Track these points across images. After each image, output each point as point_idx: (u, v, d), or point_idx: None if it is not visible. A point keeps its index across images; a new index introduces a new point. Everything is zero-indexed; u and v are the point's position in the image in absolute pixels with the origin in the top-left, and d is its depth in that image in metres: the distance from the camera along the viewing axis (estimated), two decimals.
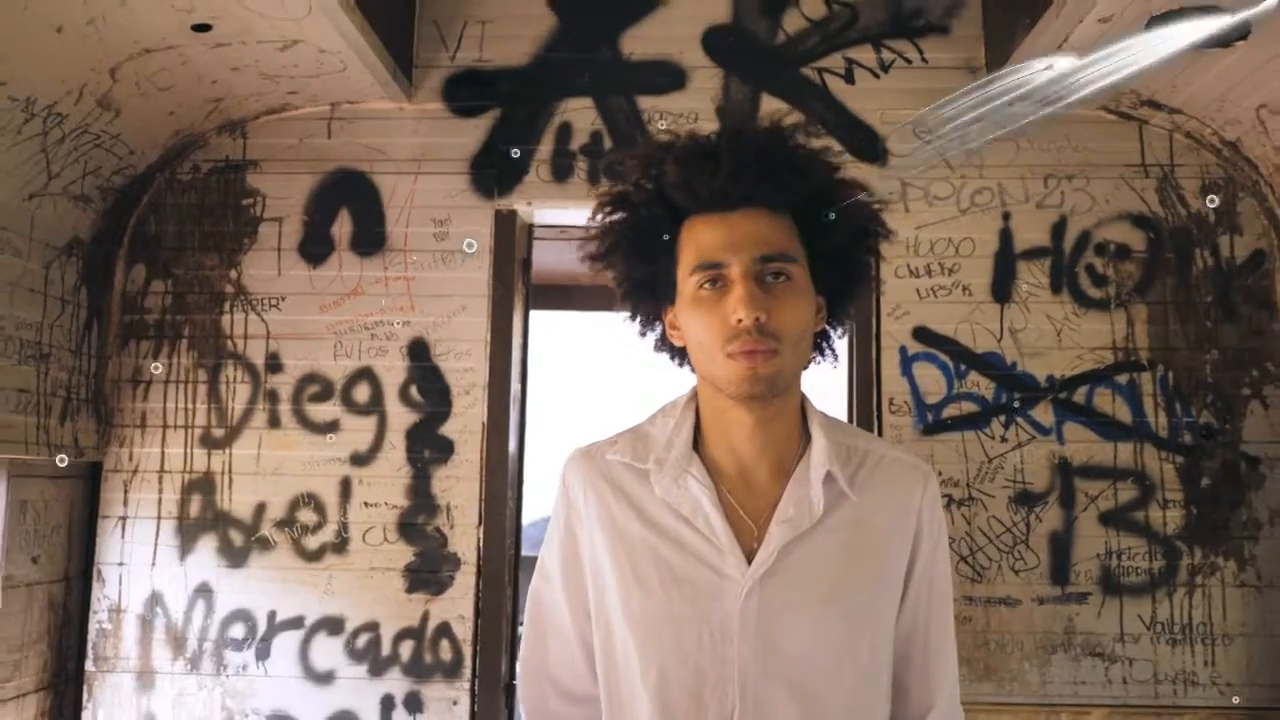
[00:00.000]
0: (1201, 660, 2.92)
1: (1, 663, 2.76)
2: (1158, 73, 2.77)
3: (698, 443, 1.19)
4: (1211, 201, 3.05)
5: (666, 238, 1.16)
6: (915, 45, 3.15)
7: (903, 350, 3.05)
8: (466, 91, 3.18)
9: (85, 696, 3.01)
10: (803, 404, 1.20)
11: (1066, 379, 3.02)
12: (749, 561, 1.11)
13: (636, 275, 1.19)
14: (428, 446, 3.06)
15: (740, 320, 1.06)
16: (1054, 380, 3.02)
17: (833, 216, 1.15)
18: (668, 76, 3.16)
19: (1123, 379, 3.01)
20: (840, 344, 1.26)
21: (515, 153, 3.13)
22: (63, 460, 2.88)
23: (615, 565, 1.15)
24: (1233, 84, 2.74)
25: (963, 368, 3.03)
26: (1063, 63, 2.69)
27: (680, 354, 1.22)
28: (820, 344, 1.22)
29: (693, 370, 1.19)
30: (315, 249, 3.14)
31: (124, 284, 3.15)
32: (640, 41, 3.18)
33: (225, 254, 3.15)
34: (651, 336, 1.24)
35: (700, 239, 1.12)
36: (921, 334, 3.05)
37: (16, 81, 2.48)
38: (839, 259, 1.17)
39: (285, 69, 2.91)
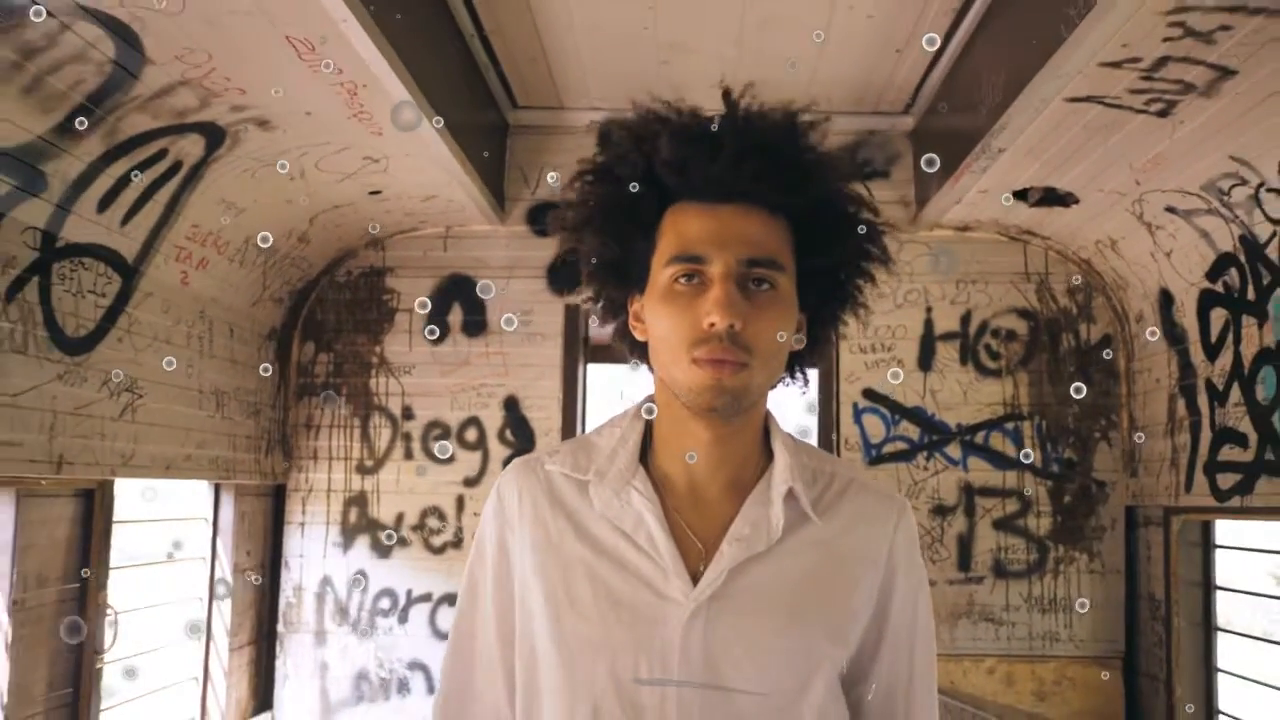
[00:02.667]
0: (1062, 624, 4.16)
1: (232, 624, 4.02)
2: (1031, 213, 4.01)
3: (646, 455, 1.09)
4: (1076, 296, 4.30)
5: (647, 220, 1.06)
6: (865, 186, 4.38)
7: (855, 405, 4.29)
8: (543, 218, 4.42)
9: (279, 649, 4.26)
10: (766, 421, 1.11)
11: (970, 426, 4.26)
12: (695, 584, 1.01)
13: (607, 255, 1.08)
14: None
15: (713, 324, 0.97)
16: (961, 426, 4.26)
17: (832, 229, 1.06)
18: None
19: (1010, 425, 4.26)
20: (811, 371, 1.15)
21: None
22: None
23: (546, 584, 1.04)
24: (1077, 227, 3.98)
25: (897, 417, 4.28)
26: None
27: (641, 350, 1.11)
28: (792, 365, 1.11)
29: (650, 370, 1.09)
30: (438, 335, 4.38)
31: (298, 356, 4.40)
32: None
33: (371, 334, 4.40)
34: (611, 326, 1.15)
35: (684, 228, 1.02)
36: (868, 393, 4.29)
37: (258, 234, 3.74)
38: (830, 277, 1.08)
39: (421, 209, 4.16)
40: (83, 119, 2.62)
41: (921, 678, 1.10)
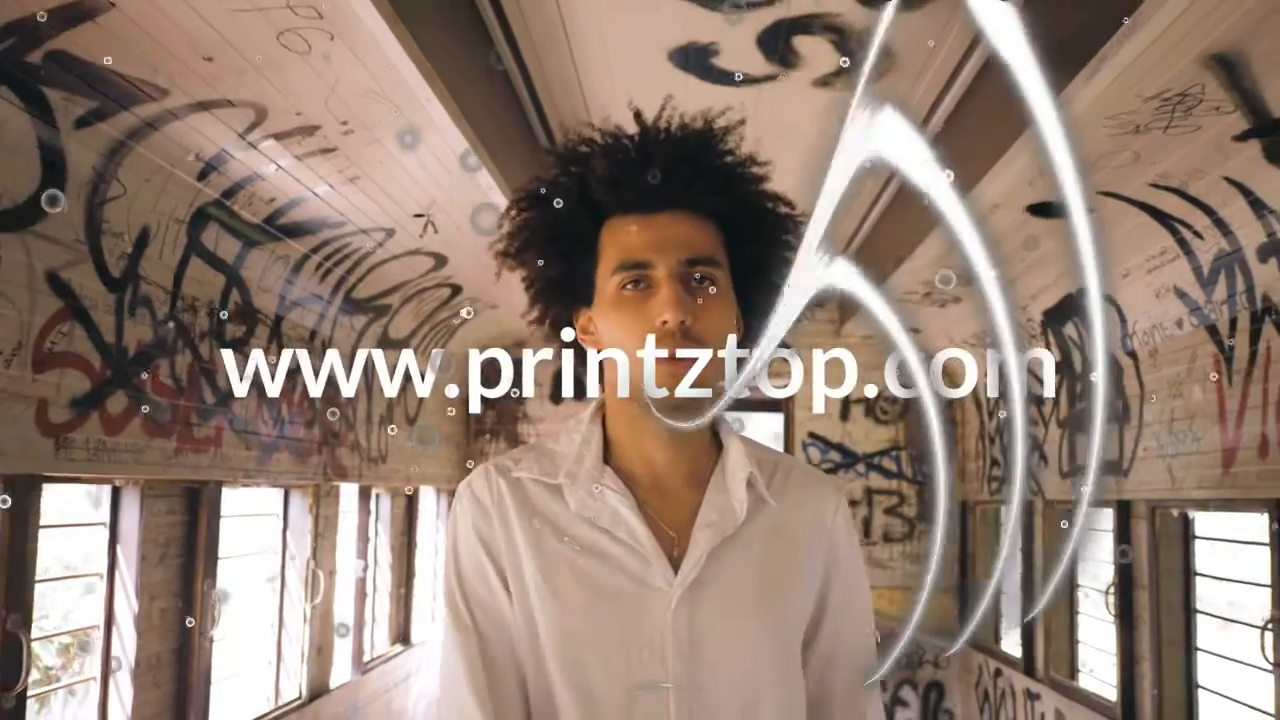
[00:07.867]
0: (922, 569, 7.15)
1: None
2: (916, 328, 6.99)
3: (608, 456, 1.16)
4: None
5: (585, 236, 1.13)
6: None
7: (803, 441, 7.28)
8: None
9: None
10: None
11: (870, 453, 7.26)
12: (675, 571, 1.08)
13: (550, 274, 1.16)
14: None
15: (665, 322, 1.05)
16: (866, 454, 7.26)
17: (757, 225, 1.15)
18: None
19: (894, 453, 7.25)
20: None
21: None
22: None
23: (534, 585, 1.09)
24: (928, 344, 6.97)
25: (828, 449, 7.27)
26: None
27: (584, 360, 1.21)
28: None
29: (601, 377, 1.19)
30: (556, 398, 7.38)
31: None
32: None
33: (520, 401, 7.39)
34: (558, 341, 1.23)
35: (624, 239, 1.11)
36: (812, 435, 7.29)
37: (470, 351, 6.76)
38: (759, 269, 1.16)
39: None
40: (425, 322, 5.64)
41: (859, 642, 1.19)
